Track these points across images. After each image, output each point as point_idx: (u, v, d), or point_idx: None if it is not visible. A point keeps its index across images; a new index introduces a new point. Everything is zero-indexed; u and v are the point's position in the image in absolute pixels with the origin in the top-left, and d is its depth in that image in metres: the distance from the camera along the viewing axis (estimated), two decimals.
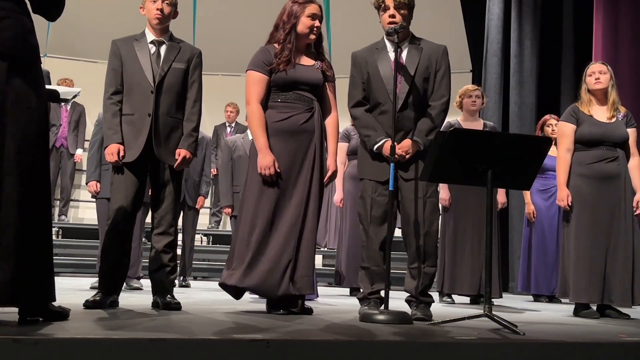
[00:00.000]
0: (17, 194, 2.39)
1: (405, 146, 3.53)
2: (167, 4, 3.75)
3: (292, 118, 3.57)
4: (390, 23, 3.57)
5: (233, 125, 9.50)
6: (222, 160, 6.16)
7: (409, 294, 3.64)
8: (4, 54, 2.35)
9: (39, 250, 2.47)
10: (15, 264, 2.37)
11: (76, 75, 8.68)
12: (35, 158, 2.46)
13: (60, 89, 3.26)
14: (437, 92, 3.63)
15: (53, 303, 2.61)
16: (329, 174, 3.65)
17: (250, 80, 3.63)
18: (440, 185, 5.41)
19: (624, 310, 4.36)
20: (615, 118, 4.49)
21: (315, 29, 3.64)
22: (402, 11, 3.60)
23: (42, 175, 2.51)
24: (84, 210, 9.70)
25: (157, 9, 3.72)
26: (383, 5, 3.63)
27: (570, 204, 4.43)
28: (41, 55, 2.57)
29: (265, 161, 3.50)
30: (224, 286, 3.59)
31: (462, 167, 3.29)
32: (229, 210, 5.87)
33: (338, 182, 6.04)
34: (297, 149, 3.56)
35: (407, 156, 3.53)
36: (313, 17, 3.63)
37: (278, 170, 3.51)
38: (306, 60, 3.68)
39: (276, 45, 3.65)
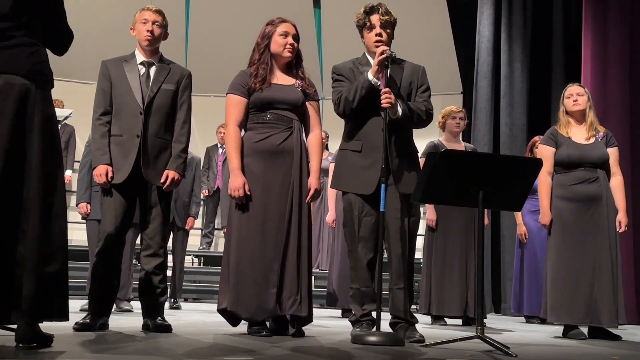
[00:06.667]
0: (40, 206, 2.54)
1: (388, 90, 3.42)
2: (157, 25, 3.76)
3: (270, 138, 3.55)
4: (377, 42, 3.59)
5: (225, 146, 9.46)
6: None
7: (395, 316, 3.55)
8: (35, 78, 2.55)
9: (58, 264, 2.72)
10: (38, 277, 2.54)
11: (67, 96, 8.65)
12: (57, 173, 2.62)
13: None
14: (421, 103, 3.61)
15: (40, 327, 2.59)
16: (310, 192, 3.56)
17: (229, 103, 3.64)
18: (427, 206, 5.38)
19: (615, 331, 4.34)
20: (594, 138, 4.49)
21: (288, 45, 3.64)
22: (388, 30, 3.63)
23: (62, 190, 2.68)
24: (73, 232, 9.63)
25: (148, 31, 3.72)
26: (369, 24, 3.64)
27: (549, 229, 4.44)
28: None
29: (236, 183, 3.49)
30: (221, 312, 3.56)
31: (453, 188, 3.29)
32: None
33: (331, 202, 6.02)
34: (276, 169, 3.53)
35: (392, 99, 3.41)
36: (285, 34, 3.64)
37: (248, 193, 3.49)
38: (285, 80, 3.67)
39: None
